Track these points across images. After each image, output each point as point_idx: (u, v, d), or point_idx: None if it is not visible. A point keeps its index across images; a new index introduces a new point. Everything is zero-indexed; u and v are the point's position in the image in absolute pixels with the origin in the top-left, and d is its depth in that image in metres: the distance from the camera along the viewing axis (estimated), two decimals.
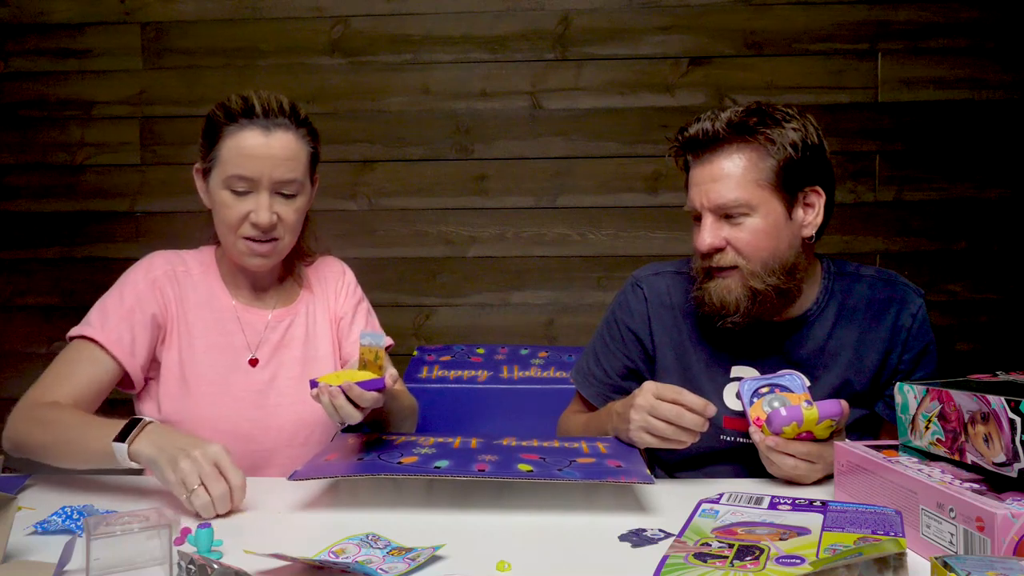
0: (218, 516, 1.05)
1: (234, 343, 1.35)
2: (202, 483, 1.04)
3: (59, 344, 2.25)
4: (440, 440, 1.23)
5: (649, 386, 1.20)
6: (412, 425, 1.44)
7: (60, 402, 1.22)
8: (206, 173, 1.33)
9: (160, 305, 1.33)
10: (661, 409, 1.17)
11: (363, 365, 1.17)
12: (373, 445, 1.22)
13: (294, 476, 1.09)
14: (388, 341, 1.14)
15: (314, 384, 1.12)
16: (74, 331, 1.30)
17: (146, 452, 1.08)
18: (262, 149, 1.28)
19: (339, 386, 1.11)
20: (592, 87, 2.23)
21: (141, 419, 1.12)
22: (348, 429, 1.38)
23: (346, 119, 2.27)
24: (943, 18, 2.16)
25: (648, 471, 1.12)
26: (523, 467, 1.10)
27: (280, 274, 1.43)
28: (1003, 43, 2.16)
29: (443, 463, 1.11)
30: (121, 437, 1.09)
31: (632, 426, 1.21)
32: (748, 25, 2.20)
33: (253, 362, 1.35)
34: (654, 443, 1.20)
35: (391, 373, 1.16)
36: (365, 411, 1.14)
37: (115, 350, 1.27)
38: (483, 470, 1.08)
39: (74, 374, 1.26)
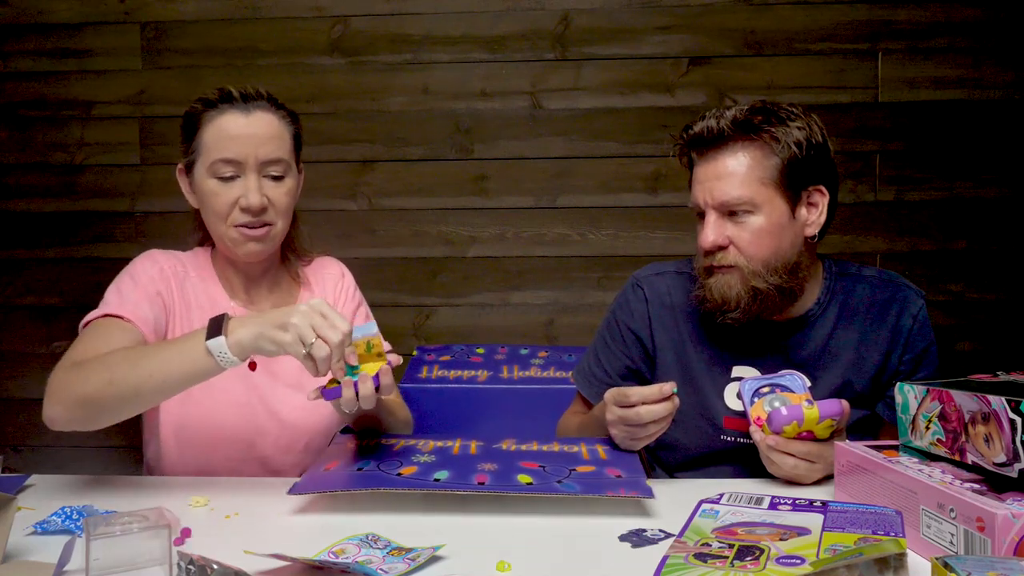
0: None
1: None
2: (318, 335, 1.03)
3: (59, 344, 2.27)
4: (439, 444, 1.23)
5: (609, 399, 1.21)
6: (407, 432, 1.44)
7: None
8: (189, 169, 1.31)
9: (167, 292, 1.31)
10: (629, 417, 1.18)
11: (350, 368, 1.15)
12: (372, 451, 1.21)
13: (294, 490, 1.08)
14: (375, 327, 1.13)
15: (329, 394, 1.09)
16: (92, 315, 1.24)
17: (247, 334, 1.06)
18: (244, 129, 1.26)
19: (374, 375, 1.08)
20: (592, 87, 2.23)
21: (222, 315, 1.09)
22: (347, 430, 1.38)
23: (346, 119, 2.27)
24: (943, 18, 2.16)
25: (647, 479, 1.13)
26: (523, 478, 1.10)
27: (276, 273, 1.41)
28: (1003, 43, 2.16)
29: (442, 474, 1.10)
30: (213, 333, 1.06)
31: (618, 441, 1.24)
32: (748, 25, 2.19)
33: (252, 366, 1.34)
34: (646, 443, 1.21)
35: (392, 357, 1.14)
36: (383, 395, 1.12)
37: (141, 325, 1.23)
38: (483, 482, 1.08)
39: (109, 342, 1.17)
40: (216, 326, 1.08)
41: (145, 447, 1.39)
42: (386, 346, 1.17)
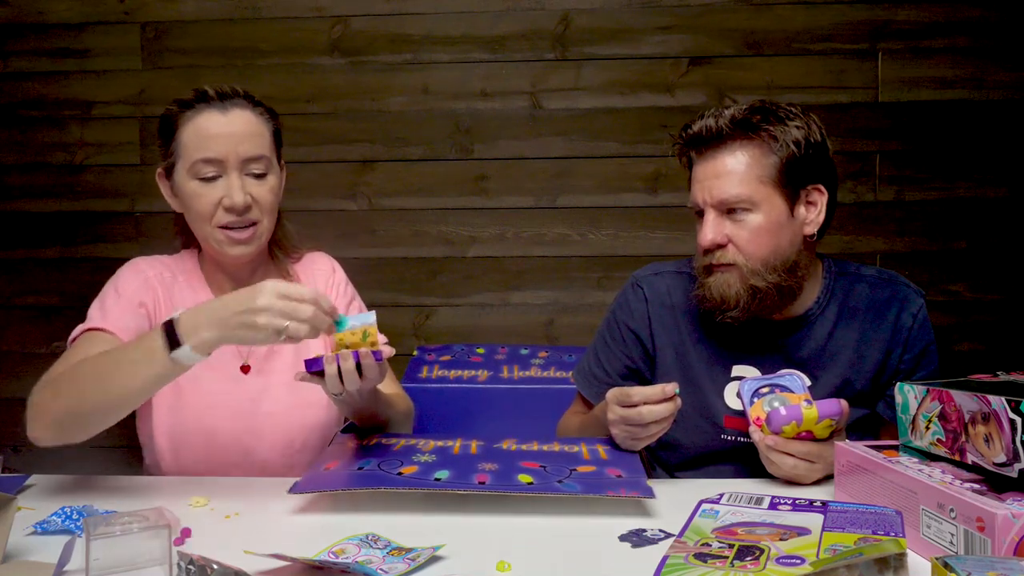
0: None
1: (223, 350, 1.30)
2: (291, 317, 1.03)
3: (59, 344, 2.26)
4: (440, 444, 1.23)
5: (611, 398, 1.21)
6: (408, 428, 1.43)
7: None
8: (169, 172, 1.30)
9: (153, 301, 1.31)
10: (631, 417, 1.18)
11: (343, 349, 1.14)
12: (372, 451, 1.21)
13: (294, 489, 1.08)
14: (372, 317, 1.12)
15: (311, 365, 1.10)
16: (76, 330, 1.26)
17: (211, 337, 1.05)
18: (223, 127, 1.25)
19: (355, 351, 1.08)
20: (592, 87, 2.23)
21: (171, 319, 1.08)
22: (347, 430, 1.38)
23: (346, 119, 2.27)
24: (944, 18, 2.16)
25: (648, 479, 1.13)
26: (523, 478, 1.10)
27: (265, 271, 1.39)
28: (1004, 43, 2.16)
29: (443, 474, 1.10)
30: (173, 343, 1.05)
31: (619, 441, 1.23)
32: (748, 25, 2.19)
33: (245, 369, 1.34)
34: (647, 443, 1.21)
35: (387, 350, 1.13)
36: (367, 382, 1.12)
37: (124, 337, 1.23)
38: (483, 482, 1.08)
39: (88, 354, 1.18)
40: (172, 333, 1.06)
41: (143, 451, 1.39)
42: (383, 338, 1.17)
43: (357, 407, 1.27)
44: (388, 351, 1.12)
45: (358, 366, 1.10)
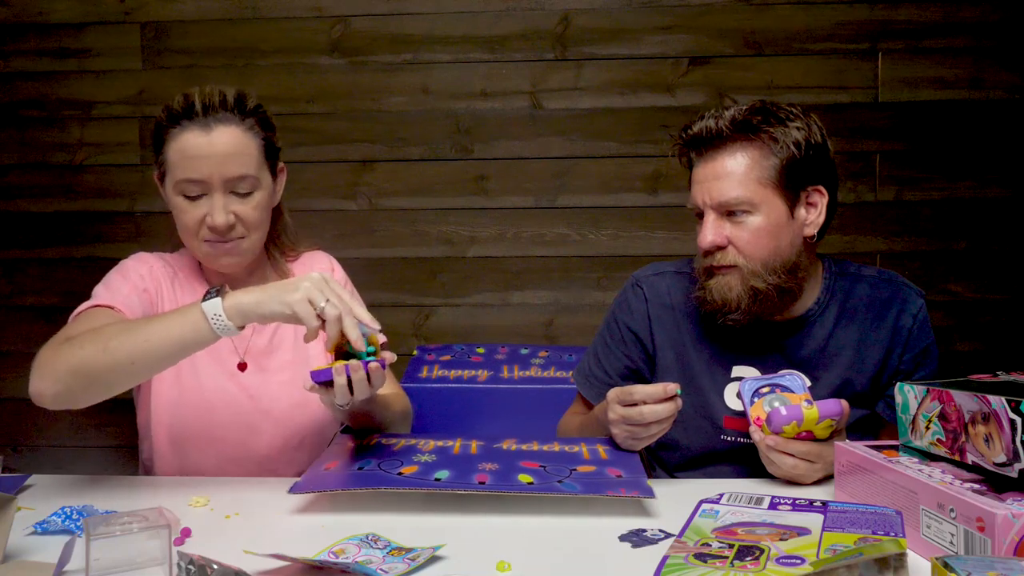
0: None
1: (220, 348, 1.32)
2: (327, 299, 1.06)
3: None
4: (440, 444, 1.23)
5: (612, 397, 1.21)
6: (406, 428, 1.43)
7: None
8: (162, 179, 1.30)
9: (156, 292, 1.30)
10: (632, 416, 1.18)
11: (345, 356, 1.13)
12: (372, 451, 1.21)
13: (294, 489, 1.08)
14: (377, 327, 1.11)
15: (318, 376, 1.09)
16: (82, 307, 1.23)
17: (248, 298, 1.07)
18: (205, 149, 1.23)
19: (365, 361, 1.08)
20: (592, 87, 2.23)
21: (221, 286, 1.10)
22: (347, 430, 1.38)
23: (346, 119, 2.27)
24: (943, 18, 2.16)
25: (648, 479, 1.13)
26: (524, 478, 1.10)
27: (263, 272, 1.39)
28: (1003, 43, 2.16)
29: (443, 474, 1.10)
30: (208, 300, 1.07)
31: (619, 440, 1.23)
32: (748, 25, 2.19)
33: (242, 366, 1.34)
34: (647, 443, 1.21)
35: (386, 355, 1.13)
36: (374, 388, 1.11)
37: (129, 315, 1.22)
38: (483, 482, 1.08)
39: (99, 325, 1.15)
40: (213, 293, 1.09)
41: (139, 448, 1.39)
42: (381, 339, 1.17)
43: (354, 410, 1.27)
44: (390, 357, 1.12)
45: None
